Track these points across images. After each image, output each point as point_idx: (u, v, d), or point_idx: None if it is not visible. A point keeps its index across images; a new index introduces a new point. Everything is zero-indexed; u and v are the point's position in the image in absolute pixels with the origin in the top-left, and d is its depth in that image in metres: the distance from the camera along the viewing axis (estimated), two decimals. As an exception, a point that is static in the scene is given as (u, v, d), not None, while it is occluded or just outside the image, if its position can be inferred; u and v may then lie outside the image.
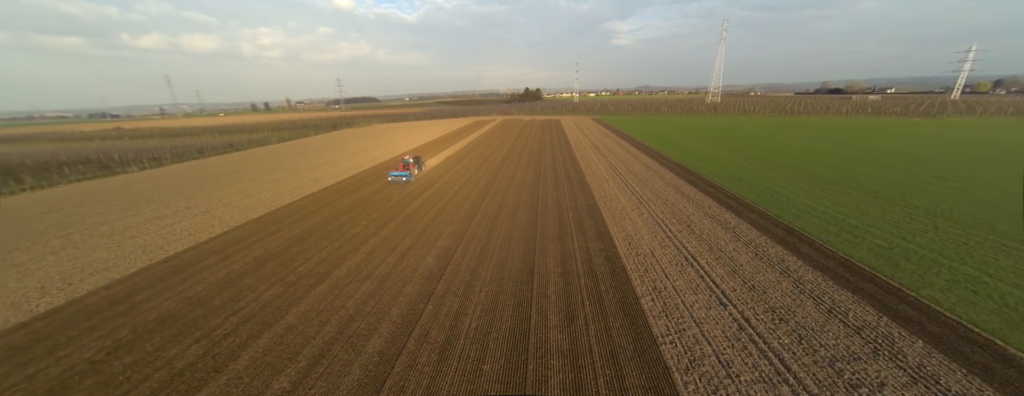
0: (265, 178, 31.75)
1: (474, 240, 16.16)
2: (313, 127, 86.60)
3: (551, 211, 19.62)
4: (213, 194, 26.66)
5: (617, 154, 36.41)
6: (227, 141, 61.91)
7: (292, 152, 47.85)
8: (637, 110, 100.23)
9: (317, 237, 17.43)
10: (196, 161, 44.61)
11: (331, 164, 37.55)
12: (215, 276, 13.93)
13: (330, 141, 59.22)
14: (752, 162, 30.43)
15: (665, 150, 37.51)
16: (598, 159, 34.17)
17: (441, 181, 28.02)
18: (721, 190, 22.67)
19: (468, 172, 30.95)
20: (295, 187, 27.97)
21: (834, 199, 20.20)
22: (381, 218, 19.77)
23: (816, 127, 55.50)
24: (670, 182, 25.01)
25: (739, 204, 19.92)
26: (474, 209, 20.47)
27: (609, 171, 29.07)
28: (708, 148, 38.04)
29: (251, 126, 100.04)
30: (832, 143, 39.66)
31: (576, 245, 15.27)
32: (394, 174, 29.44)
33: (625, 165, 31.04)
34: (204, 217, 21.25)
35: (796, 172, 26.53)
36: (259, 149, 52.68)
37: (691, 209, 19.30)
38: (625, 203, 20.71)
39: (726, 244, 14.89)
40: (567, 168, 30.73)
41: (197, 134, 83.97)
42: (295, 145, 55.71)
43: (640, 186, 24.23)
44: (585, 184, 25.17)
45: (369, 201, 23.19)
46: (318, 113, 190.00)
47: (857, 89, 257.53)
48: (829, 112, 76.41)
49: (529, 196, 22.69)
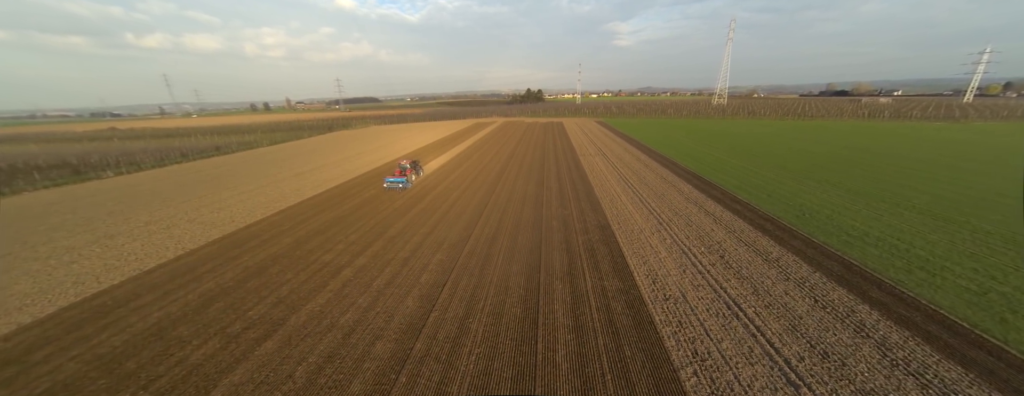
0: (243, 186, 29.15)
1: (465, 275, 13.46)
2: (309, 128, 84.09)
3: (557, 235, 16.91)
4: (181, 206, 24.06)
5: (626, 162, 33.67)
6: (217, 143, 59.49)
7: (280, 156, 45.26)
8: (642, 112, 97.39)
9: (281, 266, 14.76)
10: (177, 166, 42.07)
11: (318, 171, 34.92)
12: (144, 322, 11.26)
13: (323, 144, 56.65)
14: (777, 172, 27.64)
15: (678, 157, 34.75)
16: (606, 167, 31.44)
17: (433, 193, 25.34)
18: (750, 208, 19.91)
19: (464, 182, 28.27)
20: (273, 198, 25.34)
21: (886, 221, 17.43)
22: (360, 241, 17.09)
23: (835, 132, 52.61)
24: (690, 197, 22.26)
25: (775, 226, 17.17)
26: (467, 231, 17.77)
27: (619, 182, 26.34)
28: (724, 155, 35.26)
29: (246, 127, 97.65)
30: (859, 150, 36.81)
31: (589, 284, 12.55)
32: (390, 180, 27.19)
33: (636, 175, 28.31)
34: (161, 236, 18.63)
35: (831, 185, 23.74)
36: (246, 153, 50.13)
37: (720, 233, 16.56)
38: (642, 224, 17.98)
39: (774, 285, 12.15)
40: (573, 178, 28.01)
41: (189, 135, 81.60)
42: (286, 148, 53.15)
43: (657, 201, 21.49)
44: (594, 199, 22.44)
45: (350, 218, 20.52)
46: (317, 113, 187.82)
47: (863, 91, 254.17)
48: (844, 115, 73.41)
49: (531, 214, 19.97)
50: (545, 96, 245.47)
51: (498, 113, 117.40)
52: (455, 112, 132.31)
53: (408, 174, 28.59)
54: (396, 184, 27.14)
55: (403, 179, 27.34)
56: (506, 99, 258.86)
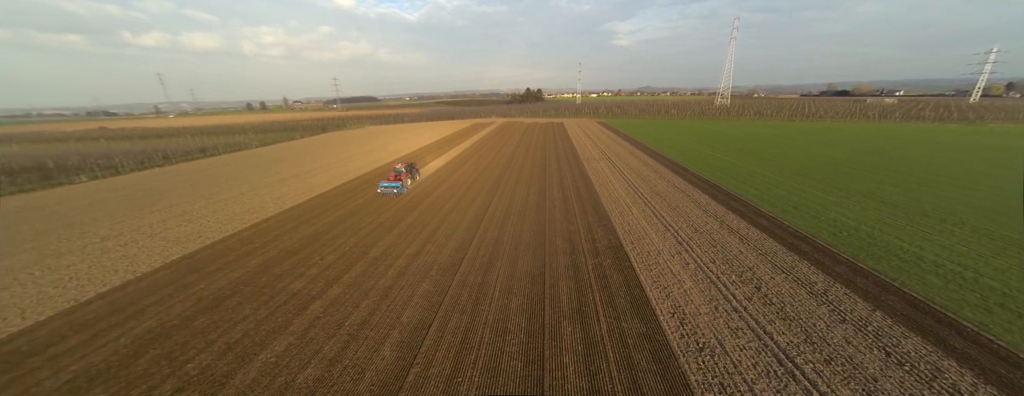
0: (222, 194, 26.94)
1: (455, 312, 11.31)
2: (302, 129, 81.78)
3: (562, 257, 14.76)
4: (148, 217, 21.86)
5: (633, 167, 31.52)
6: (203, 144, 57.15)
7: (267, 159, 43.01)
8: (644, 113, 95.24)
9: (241, 297, 12.59)
10: (158, 169, 39.83)
11: (305, 175, 32.71)
12: (54, 380, 9.08)
13: (314, 146, 54.39)
14: (798, 180, 25.53)
15: (688, 162, 32.62)
16: (612, 174, 29.29)
17: (426, 203, 23.17)
18: (777, 223, 17.79)
19: (459, 190, 26.10)
20: (251, 208, 23.15)
21: (937, 240, 15.33)
22: (339, 263, 14.93)
23: (848, 134, 50.55)
24: (708, 209, 20.13)
25: (811, 247, 15.05)
26: (460, 252, 15.61)
27: (628, 191, 24.20)
28: (737, 160, 33.16)
29: (239, 127, 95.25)
30: (878, 154, 34.76)
31: (603, 326, 10.41)
32: (384, 185, 25.46)
33: (646, 183, 26.17)
34: (114, 256, 16.44)
35: (862, 196, 21.63)
36: (234, 155, 47.86)
37: (750, 256, 14.43)
38: (659, 243, 15.85)
39: (830, 329, 10.03)
40: (577, 186, 25.86)
41: (178, 136, 79.23)
42: (275, 150, 50.88)
43: (672, 215, 19.35)
44: (602, 212, 20.29)
45: (332, 233, 18.36)
46: (314, 113, 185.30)
47: (865, 91, 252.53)
48: (853, 117, 71.33)
49: (533, 230, 17.82)
50: (544, 96, 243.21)
51: (497, 113, 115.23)
52: (453, 112, 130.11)
53: (403, 178, 26.91)
54: (390, 189, 25.45)
55: (397, 184, 25.60)
56: (505, 99, 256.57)
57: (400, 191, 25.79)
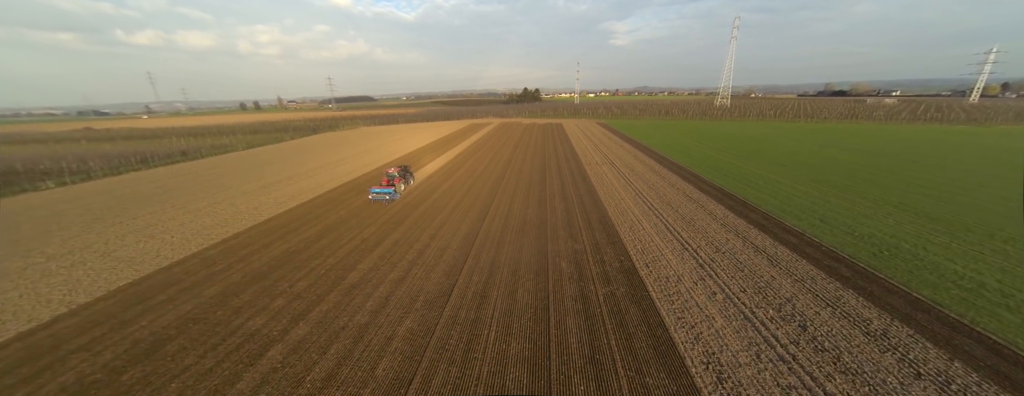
0: (194, 203, 24.77)
1: (442, 362, 9.31)
2: (293, 129, 79.35)
3: (569, 285, 12.79)
4: (106, 232, 19.67)
5: (639, 173, 29.61)
6: (188, 146, 54.68)
7: (251, 163, 40.75)
8: (644, 113, 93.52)
9: (184, 341, 10.51)
10: (134, 174, 37.50)
11: (288, 181, 30.54)
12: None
13: (303, 148, 52.13)
14: (818, 188, 23.73)
15: (697, 167, 30.77)
16: (618, 181, 27.36)
17: (414, 215, 21.12)
18: (808, 240, 15.92)
19: (451, 201, 24.08)
20: (223, 220, 21.02)
21: (995, 263, 13.49)
22: (309, 293, 12.88)
23: (857, 136, 48.95)
24: (727, 223, 18.24)
25: (852, 271, 13.17)
26: (450, 278, 13.60)
27: (637, 201, 22.28)
28: (748, 164, 31.36)
29: (229, 127, 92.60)
30: (897, 159, 33.05)
31: (623, 383, 8.44)
32: (376, 191, 23.83)
33: (654, 191, 24.27)
34: (55, 281, 14.29)
35: (892, 206, 19.83)
36: (216, 158, 45.53)
37: (785, 283, 12.53)
38: (677, 267, 13.92)
39: (904, 388, 8.10)
40: (581, 195, 23.91)
41: (164, 137, 76.60)
42: (261, 153, 48.57)
43: (687, 230, 17.44)
44: (610, 226, 18.34)
45: (307, 252, 16.29)
46: (309, 113, 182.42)
47: (862, 91, 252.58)
48: (858, 117, 69.89)
49: (533, 250, 15.83)
50: (542, 95, 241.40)
51: (494, 113, 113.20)
52: (450, 112, 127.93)
53: (396, 183, 25.17)
54: (382, 196, 23.89)
55: (390, 190, 23.90)
56: (502, 98, 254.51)
57: (392, 197, 24.20)
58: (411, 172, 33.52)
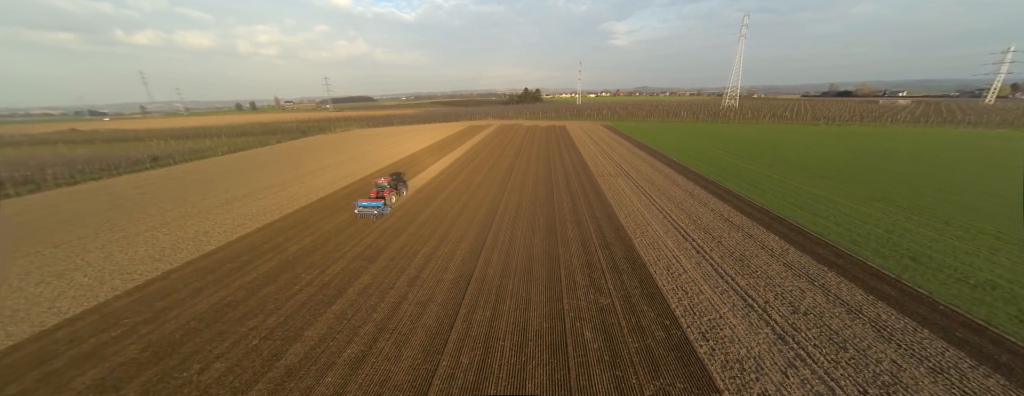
0: (139, 224, 20.80)
1: None
2: (282, 132, 75.38)
3: (600, 375, 8.78)
4: (9, 269, 15.71)
5: (662, 188, 25.58)
6: (162, 150, 50.67)
7: (223, 171, 36.74)
8: (651, 115, 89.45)
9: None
10: (93, 183, 33.56)
11: (258, 194, 26.55)
12: None
13: (286, 153, 48.13)
14: (892, 212, 19.60)
15: (727, 181, 26.73)
16: (639, 199, 23.33)
17: (391, 249, 17.03)
18: (913, 293, 11.89)
19: (439, 229, 20.05)
20: (157, 251, 17.04)
21: None
22: (216, 387, 8.90)
23: (892, 140, 44.91)
24: (793, 264, 14.22)
25: (985, 336, 9.21)
26: (429, 359, 9.53)
27: (669, 229, 18.26)
28: (787, 177, 27.36)
29: (217, 129, 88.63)
30: (962, 171, 28.80)
31: None
32: (363, 205, 21.40)
33: (686, 214, 20.25)
34: None
35: (999, 239, 15.83)
36: (188, 165, 41.55)
37: (922, 376, 8.56)
38: (749, 339, 9.89)
39: None
40: (597, 220, 19.87)
41: (148, 139, 72.70)
42: (239, 159, 44.57)
43: (745, 276, 13.39)
44: (641, 268, 14.28)
45: (242, 307, 12.28)
46: (305, 113, 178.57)
47: (867, 92, 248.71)
48: (880, 119, 65.71)
49: (544, 307, 11.78)
50: (542, 96, 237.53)
51: (494, 114, 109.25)
52: (448, 113, 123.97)
53: (386, 195, 22.41)
54: (370, 210, 21.26)
55: (378, 203, 21.19)
56: (503, 99, 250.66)
57: (381, 212, 21.37)
58: (404, 181, 29.83)
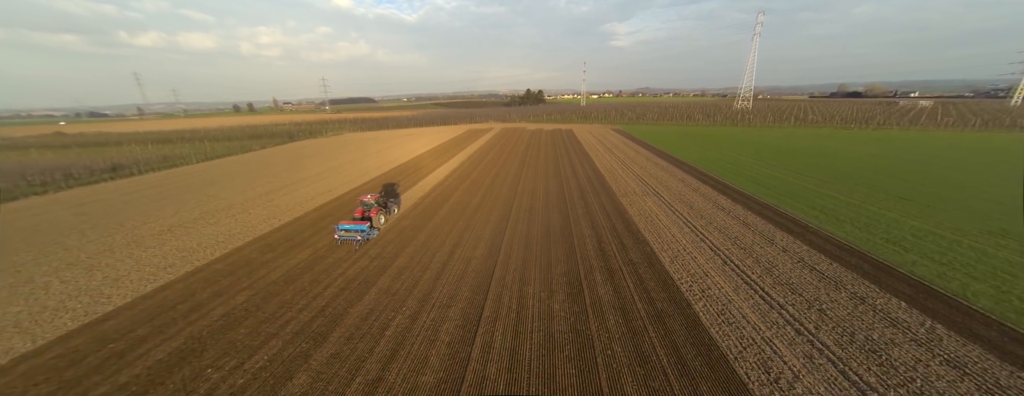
0: (49, 262, 16.09)
1: None
2: (270, 136, 70.80)
3: None
4: None
5: (707, 215, 20.66)
6: (130, 157, 46.06)
7: (184, 185, 31.96)
8: (662, 117, 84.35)
9: None
10: (30, 200, 28.88)
11: (210, 218, 21.78)
12: None
13: (265, 161, 43.41)
14: (1010, 250, 14.82)
15: (787, 204, 21.79)
16: (681, 232, 18.42)
17: (355, 313, 12.25)
18: None
19: (424, 279, 15.23)
20: (52, 307, 12.30)
21: None
22: None
23: (958, 149, 39.75)
24: (941, 348, 9.40)
25: None
26: None
27: (736, 282, 13.34)
28: (855, 197, 22.44)
29: (204, 132, 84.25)
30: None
31: None
32: (345, 228, 17.85)
33: (753, 257, 15.33)
34: None
35: None
36: (151, 176, 36.89)
37: None
38: None
39: None
40: (633, 264, 14.98)
41: (126, 143, 68.19)
42: (210, 169, 39.86)
43: (838, 340, 8.59)
44: (717, 357, 9.49)
45: (174, 380, 7.56)
46: (302, 115, 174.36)
47: (878, 92, 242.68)
48: (918, 123, 60.29)
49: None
50: (545, 97, 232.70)
51: (495, 117, 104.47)
52: (448, 115, 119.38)
53: (373, 215, 19.27)
54: (353, 234, 17.67)
55: (363, 227, 17.72)
56: (504, 100, 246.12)
57: (366, 236, 18.01)
58: (397, 194, 25.30)
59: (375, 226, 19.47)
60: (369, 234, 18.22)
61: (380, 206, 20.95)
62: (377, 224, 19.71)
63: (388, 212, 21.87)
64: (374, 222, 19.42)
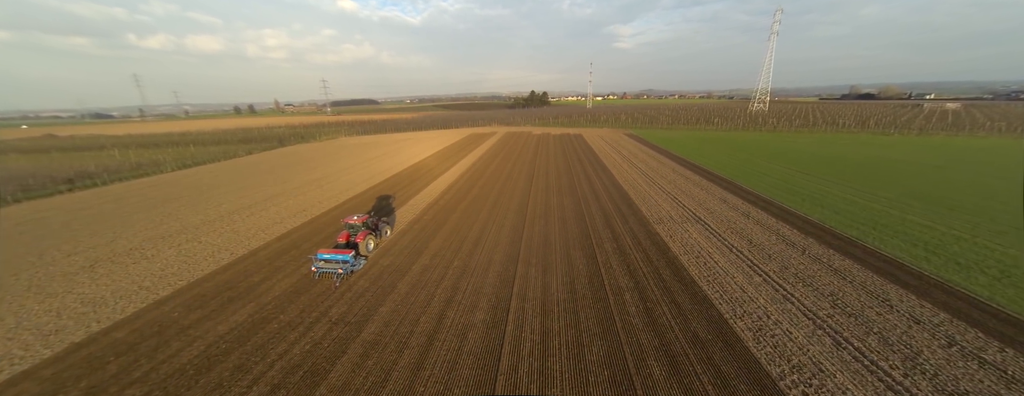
0: None
1: None
2: (261, 140, 66.86)
3: None
4: None
5: (777, 254, 16.13)
6: (101, 164, 42.10)
7: (143, 200, 27.70)
8: (677, 121, 79.52)
9: None
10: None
11: (152, 246, 17.53)
12: None
13: (244, 171, 39.21)
14: None
15: (874, 239, 17.25)
16: (749, 279, 13.88)
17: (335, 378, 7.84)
18: None
19: (407, 352, 10.81)
20: None
21: None
22: None
23: (1006, 154, 35.07)
24: None
25: None
26: None
27: (860, 376, 8.88)
28: (957, 227, 17.84)
29: (195, 136, 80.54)
30: None
31: None
32: (325, 258, 14.70)
33: (869, 328, 10.83)
34: None
35: None
36: (113, 188, 32.80)
37: None
38: None
39: None
40: (697, 338, 10.50)
41: (109, 148, 64.41)
42: (182, 179, 35.67)
43: None
44: None
45: None
46: (303, 117, 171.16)
47: (892, 94, 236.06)
48: (967, 128, 55.12)
49: None
50: (549, 99, 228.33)
51: (498, 120, 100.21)
52: (449, 118, 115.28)
53: (360, 240, 16.30)
54: (334, 266, 14.50)
55: (347, 256, 14.56)
56: (508, 102, 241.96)
57: (351, 268, 14.71)
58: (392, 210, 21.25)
59: (362, 253, 16.33)
60: (354, 265, 14.91)
61: (369, 229, 17.56)
62: (365, 250, 16.49)
63: (379, 235, 18.37)
64: (361, 248, 16.14)
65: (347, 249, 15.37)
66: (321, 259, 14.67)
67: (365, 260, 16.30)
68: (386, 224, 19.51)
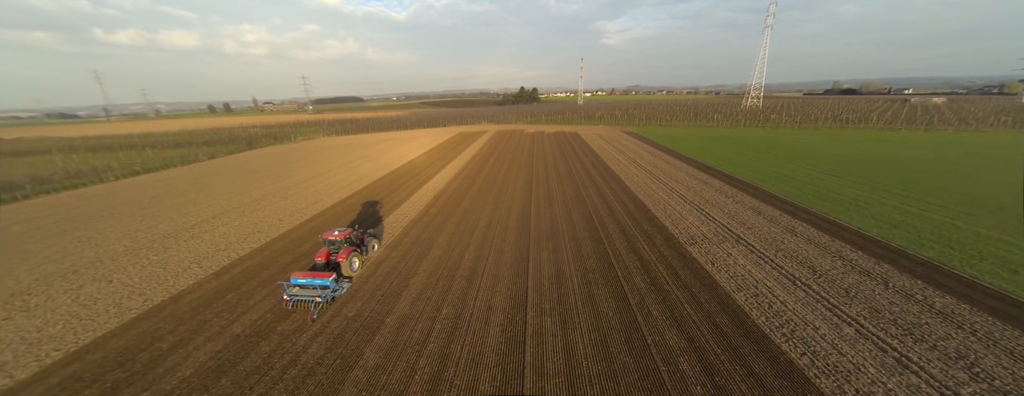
0: None
1: None
2: (228, 141, 61.27)
3: None
4: None
5: (848, 285, 12.87)
6: (34, 171, 36.58)
7: (79, 215, 22.98)
8: (675, 117, 76.69)
9: None
10: None
11: (62, 285, 13.15)
12: None
13: (199, 179, 34.31)
14: None
15: (925, 249, 14.24)
16: (825, 320, 10.52)
17: None
18: None
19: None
20: None
21: None
22: None
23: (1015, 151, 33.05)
24: None
25: None
26: None
27: None
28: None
29: (155, 138, 73.85)
30: None
31: None
32: (300, 283, 11.97)
33: None
34: None
35: None
36: (39, 201, 27.69)
37: None
38: None
39: None
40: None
41: (54, 152, 57.90)
42: (123, 190, 30.67)
43: None
44: None
45: None
46: (281, 116, 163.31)
47: (873, 89, 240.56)
48: (969, 123, 53.50)
49: None
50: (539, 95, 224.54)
51: (488, 117, 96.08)
52: (437, 115, 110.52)
53: (342, 259, 13.69)
54: (312, 294, 11.74)
55: (326, 281, 11.86)
56: (497, 98, 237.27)
57: (331, 294, 12.06)
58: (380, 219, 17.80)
59: (346, 274, 13.71)
60: (334, 291, 12.30)
61: (354, 245, 14.61)
62: (349, 270, 13.85)
63: (364, 252, 15.28)
64: (344, 269, 13.75)
65: (327, 272, 12.42)
66: (294, 285, 12.02)
67: (349, 283, 13.29)
68: (372, 237, 16.34)
